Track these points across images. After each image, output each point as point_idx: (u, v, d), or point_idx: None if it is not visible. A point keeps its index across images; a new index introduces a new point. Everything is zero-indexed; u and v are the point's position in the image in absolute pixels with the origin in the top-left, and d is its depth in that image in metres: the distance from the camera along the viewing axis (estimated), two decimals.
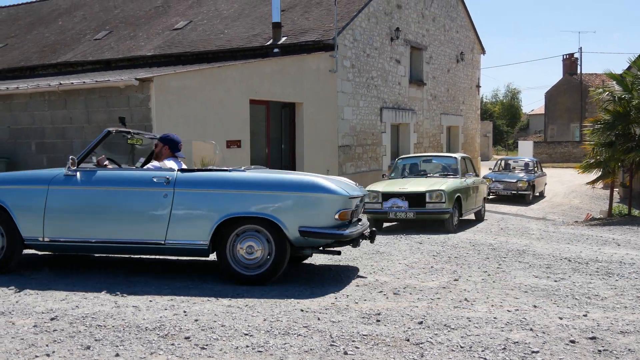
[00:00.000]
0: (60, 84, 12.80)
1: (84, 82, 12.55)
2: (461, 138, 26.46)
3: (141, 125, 11.70)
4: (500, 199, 20.50)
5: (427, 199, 11.71)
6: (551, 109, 54.86)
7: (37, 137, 13.45)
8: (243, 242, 6.13)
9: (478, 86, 28.40)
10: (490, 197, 19.64)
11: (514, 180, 20.45)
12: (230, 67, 13.45)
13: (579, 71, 51.69)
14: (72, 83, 12.68)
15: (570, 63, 52.75)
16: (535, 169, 22.07)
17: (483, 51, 28.57)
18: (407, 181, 12.78)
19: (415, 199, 11.79)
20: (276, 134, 16.00)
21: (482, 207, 14.12)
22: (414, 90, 21.66)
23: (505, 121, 68.34)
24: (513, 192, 20.22)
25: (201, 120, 12.41)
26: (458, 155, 13.72)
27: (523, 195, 20.27)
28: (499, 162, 23.69)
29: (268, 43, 16.30)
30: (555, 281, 6.58)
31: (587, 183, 16.77)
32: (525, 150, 42.19)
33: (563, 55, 54.62)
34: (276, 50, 16.00)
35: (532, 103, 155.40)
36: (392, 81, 19.99)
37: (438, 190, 11.75)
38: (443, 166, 13.64)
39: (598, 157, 15.38)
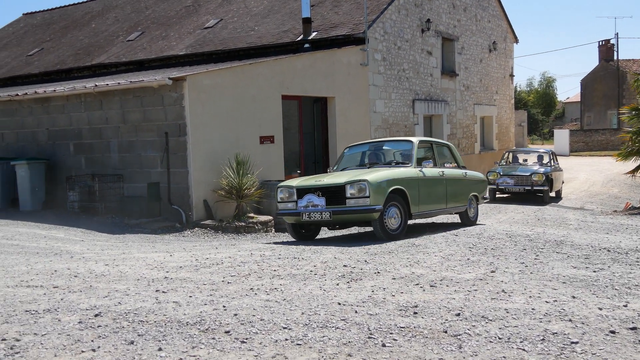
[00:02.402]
0: (96, 85, 13.03)
1: (119, 83, 12.75)
2: (495, 128, 26.19)
3: (175, 123, 11.86)
4: (510, 197, 18.03)
5: (348, 194, 9.05)
6: (587, 97, 53.96)
7: (74, 138, 13.72)
8: None
9: (511, 75, 28.06)
10: (498, 195, 17.87)
11: (528, 174, 17.38)
12: (262, 63, 13.53)
13: (615, 57, 50.74)
14: (107, 84, 12.89)
15: (607, 49, 51.80)
16: (552, 161, 18.94)
17: (516, 40, 28.22)
18: (336, 174, 10.19)
19: (334, 195, 9.18)
20: (309, 129, 16.07)
21: (469, 207, 11.68)
22: (446, 81, 21.51)
23: (540, 110, 67.42)
24: (527, 188, 17.20)
25: (234, 117, 12.52)
26: (415, 139, 10.83)
27: (538, 192, 17.44)
28: (506, 154, 20.26)
29: (299, 39, 16.34)
30: (594, 272, 6.51)
31: (627, 172, 16.49)
32: (561, 139, 41.61)
33: (599, 42, 53.73)
34: (307, 45, 16.04)
35: (568, 91, 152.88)
36: (424, 73, 19.88)
37: (359, 181, 9.00)
38: (399, 153, 10.90)
39: (637, 145, 15.11)
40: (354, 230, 11.81)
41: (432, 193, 10.34)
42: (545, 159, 18.97)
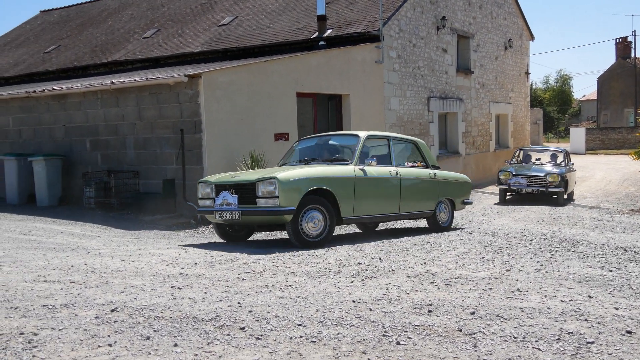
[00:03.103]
0: (112, 82, 13.11)
1: (135, 80, 12.83)
2: (510, 126, 26.06)
3: (190, 120, 11.91)
4: (521, 198, 16.93)
5: (259, 192, 8.18)
6: (604, 95, 53.53)
7: (91, 135, 13.82)
8: None
9: (527, 73, 27.90)
10: (509, 196, 16.97)
11: (542, 174, 16.25)
12: (277, 61, 13.55)
13: (632, 55, 50.27)
14: (123, 81, 12.97)
15: (624, 47, 51.38)
16: (566, 161, 17.75)
17: (532, 37, 28.05)
18: (264, 170, 9.43)
19: (247, 193, 8.37)
20: (323, 126, 16.07)
21: (438, 212, 10.54)
22: (462, 79, 21.42)
23: (556, 108, 66.98)
24: (541, 189, 16.03)
25: (249, 114, 12.55)
26: (364, 134, 9.60)
27: (552, 194, 16.30)
28: (518, 152, 19.07)
29: (313, 36, 16.34)
30: (611, 271, 6.47)
31: None
32: (577, 137, 41.30)
33: (616, 39, 53.27)
34: (322, 42, 16.04)
35: (584, 89, 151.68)
36: (439, 70, 19.81)
37: (269, 178, 8.10)
38: (343, 149, 9.80)
39: None
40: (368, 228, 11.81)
41: (378, 195, 9.25)
42: (560, 158, 17.96)
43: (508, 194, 16.86)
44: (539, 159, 18.60)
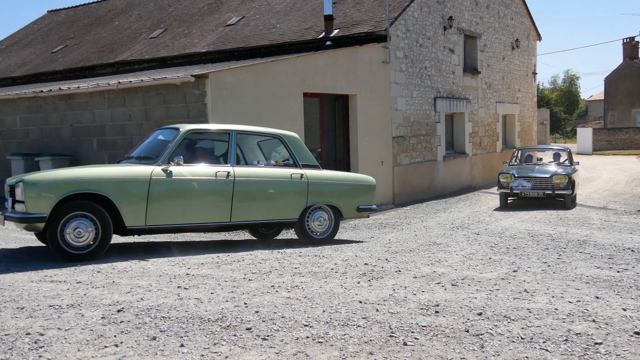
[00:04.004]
0: (119, 82, 13.13)
1: (142, 80, 12.85)
2: (517, 126, 25.99)
3: (197, 120, 11.92)
4: (524, 203, 15.74)
5: (16, 196, 7.27)
6: (611, 95, 53.32)
7: (98, 135, 13.85)
8: None
9: (534, 73, 27.82)
10: (510, 200, 15.72)
11: (548, 176, 14.87)
12: (284, 61, 13.54)
13: None
14: (130, 81, 12.99)
15: (631, 47, 51.17)
16: (570, 160, 16.56)
17: (539, 37, 27.96)
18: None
19: (14, 196, 7.45)
20: (330, 126, 16.05)
21: (308, 221, 8.99)
22: (469, 79, 21.37)
23: (563, 108, 66.79)
24: (547, 192, 14.74)
25: (256, 114, 12.55)
26: (185, 127, 8.45)
27: (559, 197, 15.06)
28: (517, 152, 17.54)
29: (320, 36, 16.33)
30: (618, 272, 6.44)
31: None
32: (584, 137, 41.15)
33: (623, 39, 53.00)
34: (328, 43, 16.02)
35: (591, 89, 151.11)
36: (446, 70, 19.77)
37: (17, 181, 7.22)
38: (159, 144, 8.52)
39: None
40: (375, 229, 11.79)
41: (191, 200, 7.96)
42: (563, 158, 16.71)
43: (510, 198, 15.57)
44: (540, 159, 17.45)
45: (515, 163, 16.82)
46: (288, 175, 8.81)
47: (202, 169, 8.12)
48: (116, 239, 8.83)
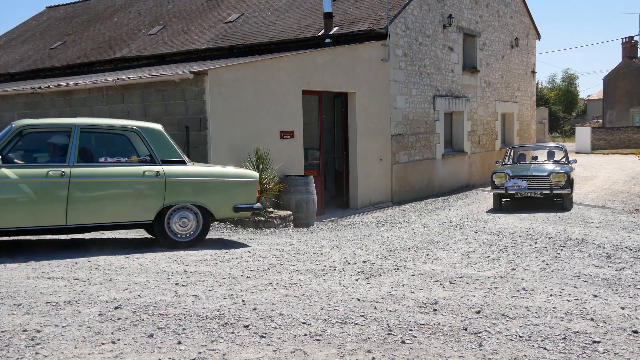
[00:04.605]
0: (118, 79, 13.11)
1: (140, 76, 12.82)
2: (516, 125, 25.99)
3: (196, 117, 11.91)
4: (519, 204, 14.71)
5: None
6: (610, 94, 53.33)
7: None
8: None
9: (533, 72, 27.81)
10: (505, 201, 14.74)
11: (545, 174, 13.99)
12: (283, 58, 13.52)
13: (639, 54, 50.07)
14: (129, 78, 12.97)
15: (630, 46, 51.15)
16: (566, 158, 15.72)
17: (538, 36, 27.96)
18: None
19: None
20: (329, 124, 16.03)
21: (169, 222, 8.07)
22: (468, 78, 21.36)
23: (561, 107, 66.84)
24: (545, 192, 13.80)
25: (255, 111, 12.54)
26: (18, 123, 7.79)
27: (557, 197, 14.10)
28: (510, 151, 16.79)
29: (320, 33, 16.31)
30: (617, 270, 6.44)
31: None
32: (583, 136, 41.20)
33: (622, 39, 52.98)
34: (328, 40, 16.01)
35: (590, 88, 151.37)
36: (445, 69, 19.76)
37: None
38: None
39: None
40: (373, 226, 11.79)
41: (18, 203, 7.36)
42: (559, 156, 15.92)
43: (504, 199, 14.61)
44: (535, 158, 16.65)
45: (509, 162, 16.08)
46: (140, 172, 7.95)
47: (30, 170, 7.46)
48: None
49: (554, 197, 14.11)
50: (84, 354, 3.89)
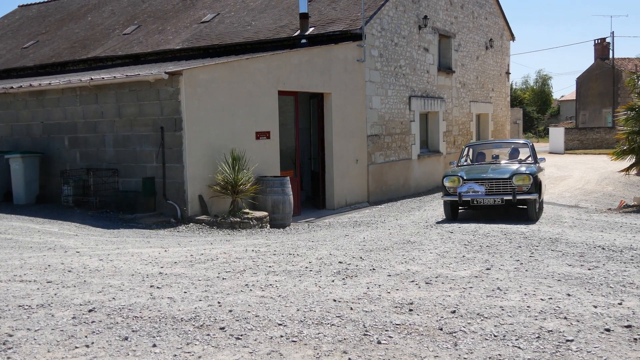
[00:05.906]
0: (91, 79, 12.97)
1: (115, 76, 12.70)
2: (491, 125, 26.21)
3: (171, 118, 11.82)
4: (477, 213, 12.71)
5: None
6: (582, 95, 54.03)
7: (69, 132, 13.66)
8: None
9: (508, 73, 28.08)
10: (461, 210, 12.67)
11: (506, 176, 11.62)
12: (258, 58, 13.48)
13: (611, 56, 50.80)
14: (102, 78, 12.84)
15: (602, 48, 51.86)
16: (533, 156, 13.23)
17: (512, 38, 28.24)
18: None
19: None
20: (305, 125, 16.02)
21: None
22: (443, 78, 21.50)
23: (535, 108, 67.58)
24: (506, 198, 11.41)
25: (230, 112, 12.48)
26: None
27: (521, 203, 11.62)
28: (467, 149, 14.30)
29: (296, 34, 16.30)
30: (589, 269, 6.52)
31: (621, 170, 16.53)
32: (557, 136, 41.66)
33: (595, 40, 53.78)
34: (304, 41, 16.00)
35: (563, 89, 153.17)
36: (421, 69, 19.86)
37: None
38: None
39: (633, 144, 15.12)
40: (349, 227, 11.81)
41: None
42: (524, 154, 13.56)
43: (460, 208, 12.37)
44: (496, 157, 14.31)
45: (466, 163, 13.67)
46: None
47: None
48: None
49: (517, 204, 11.66)
50: (57, 358, 3.84)
